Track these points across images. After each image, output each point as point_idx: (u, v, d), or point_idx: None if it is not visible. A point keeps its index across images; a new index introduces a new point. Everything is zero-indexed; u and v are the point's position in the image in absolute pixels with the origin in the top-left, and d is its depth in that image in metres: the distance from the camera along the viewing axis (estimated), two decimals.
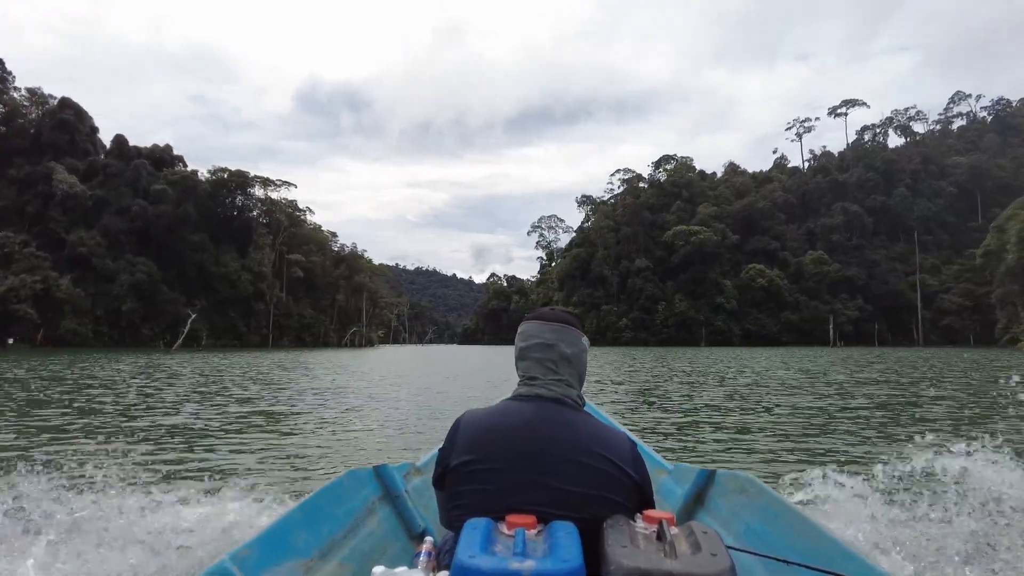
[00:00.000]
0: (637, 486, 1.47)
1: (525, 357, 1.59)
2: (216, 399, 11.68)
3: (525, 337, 1.61)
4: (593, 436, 1.47)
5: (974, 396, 12.33)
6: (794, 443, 6.99)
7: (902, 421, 8.87)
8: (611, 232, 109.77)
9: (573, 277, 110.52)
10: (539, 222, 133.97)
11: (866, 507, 2.81)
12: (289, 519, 1.64)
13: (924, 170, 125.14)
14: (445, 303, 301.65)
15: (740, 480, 2.03)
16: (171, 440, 6.92)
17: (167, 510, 2.67)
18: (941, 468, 2.99)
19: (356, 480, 2.08)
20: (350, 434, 7.68)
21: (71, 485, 2.79)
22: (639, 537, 1.21)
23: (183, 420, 8.63)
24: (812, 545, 1.56)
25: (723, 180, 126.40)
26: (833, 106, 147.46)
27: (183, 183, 70.39)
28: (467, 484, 1.46)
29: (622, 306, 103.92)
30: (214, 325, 71.74)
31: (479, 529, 1.22)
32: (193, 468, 5.46)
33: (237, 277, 72.63)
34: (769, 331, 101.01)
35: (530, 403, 1.52)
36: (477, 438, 1.49)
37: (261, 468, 5.51)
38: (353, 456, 6.16)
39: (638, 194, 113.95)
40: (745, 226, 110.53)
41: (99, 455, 5.46)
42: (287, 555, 1.54)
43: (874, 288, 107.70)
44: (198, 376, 18.61)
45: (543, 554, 1.14)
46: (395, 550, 2.00)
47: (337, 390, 14.39)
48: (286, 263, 79.02)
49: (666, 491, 2.41)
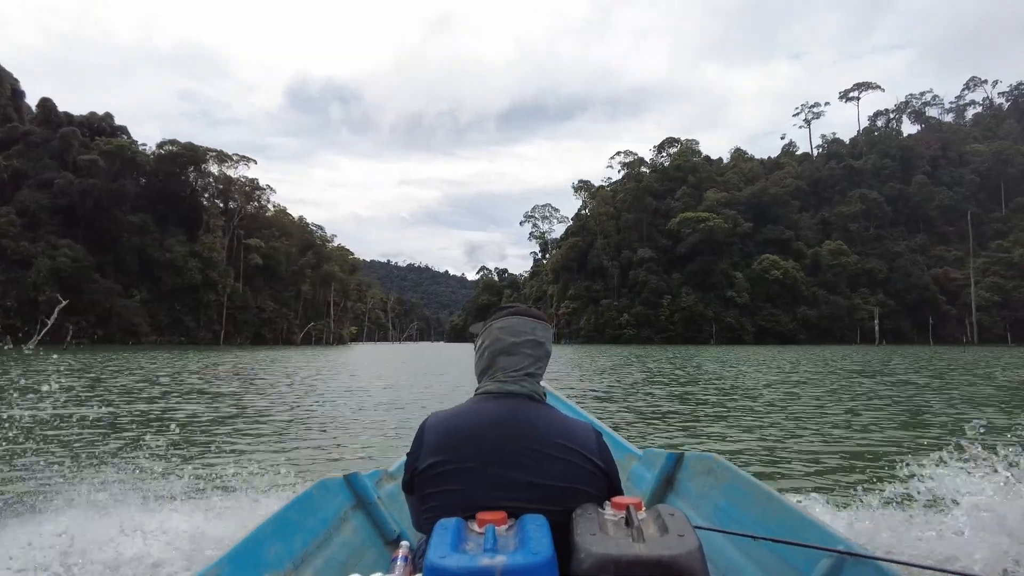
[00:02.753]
0: (604, 474, 1.48)
1: (515, 352, 1.56)
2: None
3: (515, 332, 1.58)
4: (559, 429, 1.47)
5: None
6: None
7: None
8: (611, 219, 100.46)
9: (569, 269, 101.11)
10: (532, 211, 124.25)
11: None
12: (259, 533, 1.60)
13: (943, 157, 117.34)
14: (437, 300, 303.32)
15: (708, 461, 2.06)
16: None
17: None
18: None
19: (327, 490, 2.02)
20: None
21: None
22: (608, 524, 1.22)
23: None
24: (778, 519, 1.62)
25: (730, 166, 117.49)
26: (844, 90, 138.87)
27: (119, 155, 60.69)
28: (436, 486, 1.45)
29: (623, 300, 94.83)
30: (157, 320, 62.19)
31: (449, 529, 1.22)
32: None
33: (183, 264, 63.11)
34: (784, 328, 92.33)
35: (498, 400, 1.51)
36: (444, 439, 1.48)
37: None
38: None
39: (640, 179, 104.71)
40: (756, 214, 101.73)
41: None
42: (259, 570, 1.51)
43: (897, 282, 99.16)
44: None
45: (514, 548, 1.15)
46: (371, 557, 1.97)
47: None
48: (243, 248, 69.38)
49: (636, 477, 2.45)
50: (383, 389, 13.55)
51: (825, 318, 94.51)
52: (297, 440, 6.68)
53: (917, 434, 6.95)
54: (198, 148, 68.03)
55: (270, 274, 72.22)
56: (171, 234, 64.95)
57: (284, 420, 8.18)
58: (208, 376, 16.49)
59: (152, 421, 7.90)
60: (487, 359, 1.58)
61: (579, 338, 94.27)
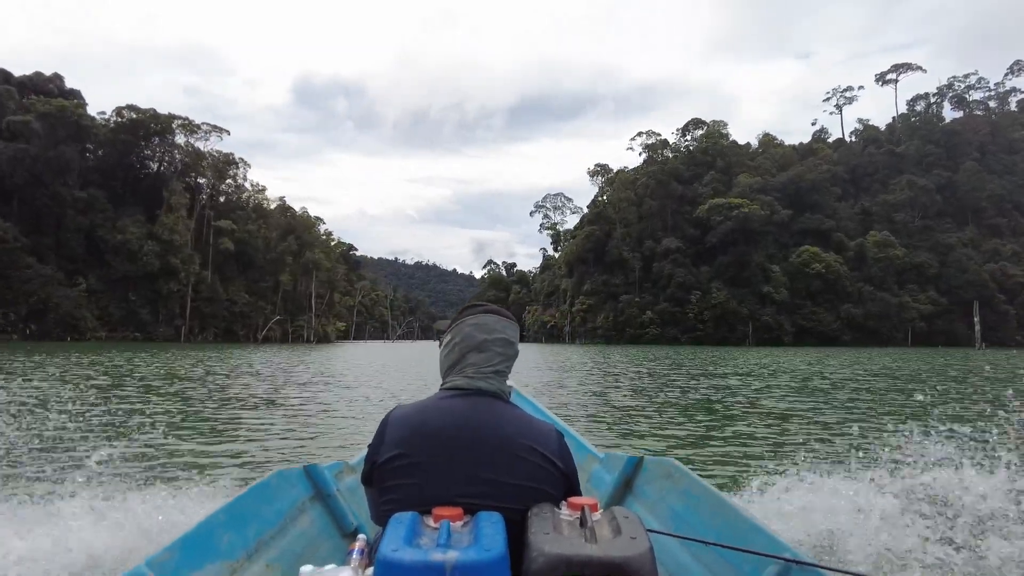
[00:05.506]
0: (564, 476, 1.49)
1: (486, 349, 1.57)
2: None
3: (488, 330, 1.58)
4: (521, 429, 1.48)
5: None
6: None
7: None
8: (632, 206, 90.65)
9: (585, 261, 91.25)
10: (544, 201, 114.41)
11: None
12: (212, 520, 1.57)
13: (993, 143, 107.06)
14: (445, 298, 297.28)
15: (666, 466, 2.08)
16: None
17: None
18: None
19: (285, 480, 1.99)
20: None
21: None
22: (562, 524, 1.23)
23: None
24: (729, 525, 1.66)
25: (759, 151, 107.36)
26: (881, 72, 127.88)
27: (61, 118, 51.56)
28: (396, 479, 1.45)
29: (646, 296, 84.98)
30: (106, 312, 53.07)
31: (404, 523, 1.22)
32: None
33: (139, 247, 53.93)
34: (827, 328, 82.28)
35: (464, 397, 1.52)
36: (406, 433, 1.47)
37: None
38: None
39: (664, 162, 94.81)
40: (792, 201, 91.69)
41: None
42: (210, 557, 1.49)
43: (950, 278, 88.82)
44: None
45: (467, 544, 1.15)
46: (327, 549, 1.95)
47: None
48: (212, 232, 60.16)
49: (596, 479, 2.44)
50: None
51: (872, 317, 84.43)
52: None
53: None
54: (161, 115, 58.92)
55: (244, 262, 62.92)
56: (128, 214, 55.84)
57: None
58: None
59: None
60: (456, 354, 1.58)
61: (596, 338, 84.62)
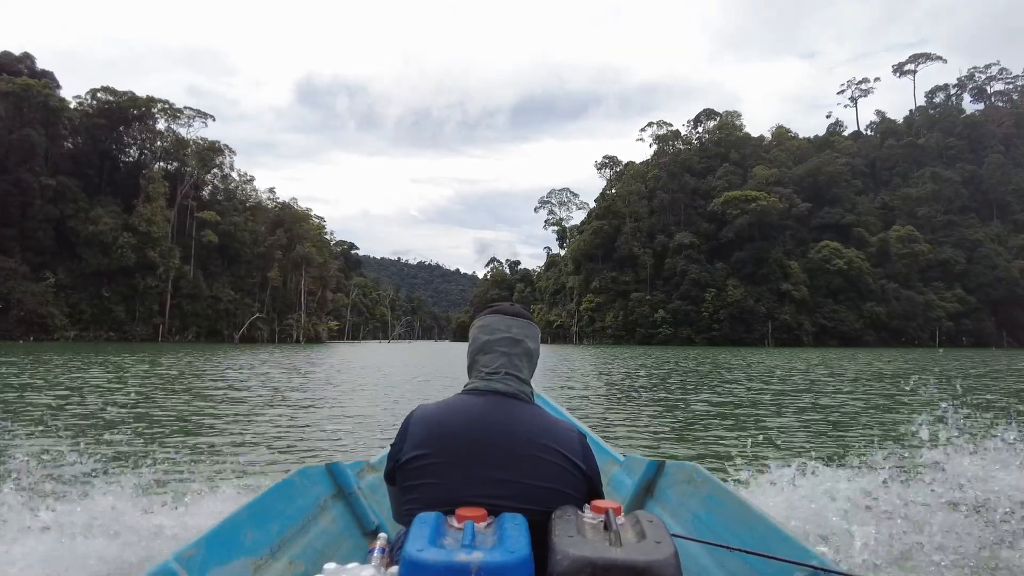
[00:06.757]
0: (586, 478, 1.49)
1: (489, 350, 1.58)
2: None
3: (490, 331, 1.59)
4: (544, 430, 1.47)
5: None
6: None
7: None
8: (643, 200, 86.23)
9: (593, 258, 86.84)
10: (549, 196, 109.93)
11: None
12: (237, 517, 1.60)
13: (1017, 136, 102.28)
14: (447, 298, 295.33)
15: (688, 470, 2.07)
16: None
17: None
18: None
19: (307, 478, 2.02)
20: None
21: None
22: (586, 527, 1.23)
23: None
24: (754, 531, 1.64)
25: (774, 144, 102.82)
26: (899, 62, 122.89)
27: (26, 98, 47.49)
28: (418, 479, 1.45)
29: (658, 294, 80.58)
30: (77, 309, 48.97)
31: (428, 523, 1.22)
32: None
33: (113, 240, 49.81)
34: (849, 327, 77.74)
35: (484, 397, 1.52)
36: (429, 433, 1.48)
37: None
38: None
39: (676, 154, 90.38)
40: (810, 195, 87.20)
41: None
42: (235, 554, 1.51)
43: (978, 275, 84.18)
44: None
45: (491, 546, 1.15)
46: (349, 547, 1.97)
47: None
48: (195, 224, 55.98)
49: (617, 482, 2.44)
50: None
51: (897, 316, 79.85)
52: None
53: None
54: (139, 98, 54.78)
55: (229, 256, 58.77)
56: (103, 204, 51.76)
57: None
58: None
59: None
60: (469, 358, 1.61)
61: (605, 338, 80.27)
